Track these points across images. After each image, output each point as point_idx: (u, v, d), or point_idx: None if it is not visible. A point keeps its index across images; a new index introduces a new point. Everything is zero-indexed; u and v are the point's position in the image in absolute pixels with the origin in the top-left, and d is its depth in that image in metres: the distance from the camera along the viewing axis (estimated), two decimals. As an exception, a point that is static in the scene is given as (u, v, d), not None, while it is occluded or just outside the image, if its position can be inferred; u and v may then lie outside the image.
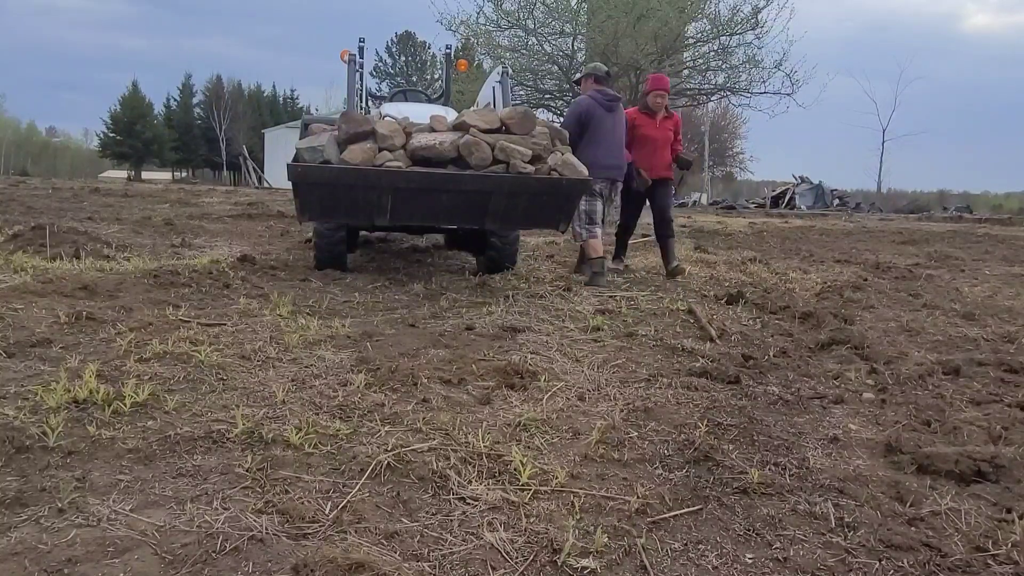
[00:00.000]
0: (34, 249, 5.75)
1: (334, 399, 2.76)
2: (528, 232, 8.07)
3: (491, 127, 5.01)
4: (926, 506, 2.12)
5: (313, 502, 1.97)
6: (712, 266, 7.30)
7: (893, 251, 10.12)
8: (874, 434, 2.72)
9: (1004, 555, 1.86)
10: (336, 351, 3.47)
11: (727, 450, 2.47)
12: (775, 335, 4.31)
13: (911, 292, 5.96)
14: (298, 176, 4.71)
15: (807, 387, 3.29)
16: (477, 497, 2.05)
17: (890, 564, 1.81)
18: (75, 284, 4.42)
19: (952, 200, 40.53)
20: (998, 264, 8.75)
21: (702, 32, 16.26)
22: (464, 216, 5.13)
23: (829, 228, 15.32)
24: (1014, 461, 2.36)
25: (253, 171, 36.69)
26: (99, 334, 3.50)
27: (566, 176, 5.06)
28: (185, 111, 60.59)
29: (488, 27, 16.25)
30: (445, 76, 9.47)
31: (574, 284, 5.62)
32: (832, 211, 26.30)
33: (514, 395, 2.97)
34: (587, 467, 2.31)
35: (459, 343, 3.69)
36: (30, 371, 2.89)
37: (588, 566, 1.73)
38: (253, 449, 2.28)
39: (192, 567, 1.65)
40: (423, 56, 56.97)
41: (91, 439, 2.26)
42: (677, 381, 3.23)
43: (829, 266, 7.93)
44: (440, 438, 2.44)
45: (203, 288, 4.75)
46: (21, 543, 1.69)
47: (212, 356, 3.16)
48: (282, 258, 6.46)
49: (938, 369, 3.48)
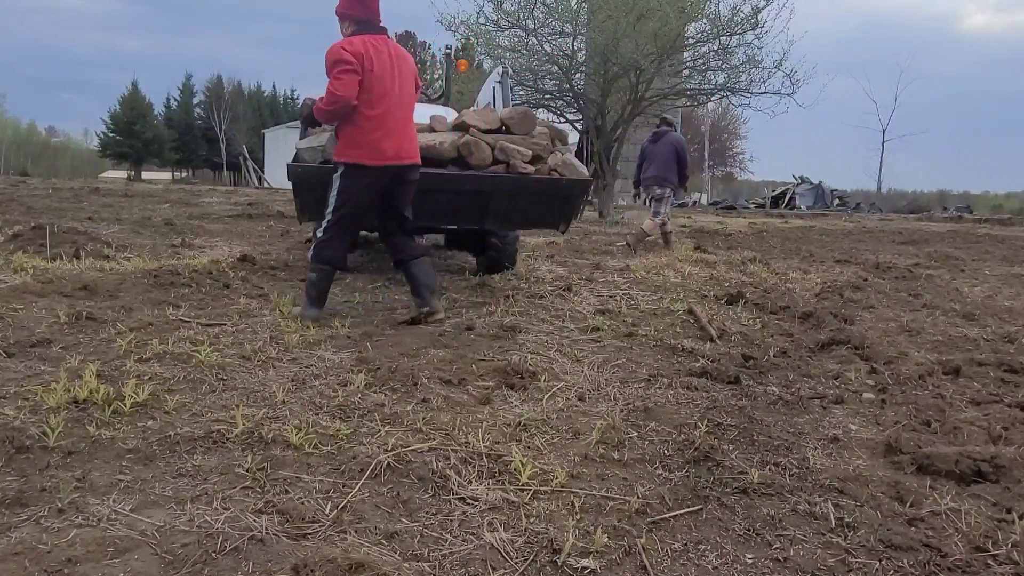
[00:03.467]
0: (34, 249, 5.75)
1: (334, 399, 2.76)
2: (528, 232, 8.05)
3: (491, 127, 5.02)
4: (926, 506, 2.12)
5: (313, 502, 1.97)
6: (712, 266, 7.30)
7: (893, 251, 10.12)
8: (874, 434, 2.72)
9: (1004, 555, 1.86)
10: (336, 351, 3.47)
11: (727, 450, 2.47)
12: (775, 335, 4.31)
13: (911, 292, 5.96)
14: (298, 176, 4.72)
15: (807, 387, 3.29)
16: (477, 497, 2.05)
17: (890, 564, 1.81)
18: (75, 284, 4.42)
19: (952, 200, 40.55)
20: (998, 264, 8.75)
21: (702, 32, 16.23)
22: (464, 216, 5.13)
23: (829, 228, 15.32)
24: (1014, 461, 2.36)
25: (253, 171, 36.67)
26: (99, 334, 3.50)
27: (566, 176, 5.06)
28: (185, 111, 60.56)
29: (488, 27, 16.22)
30: (445, 76, 9.48)
31: (574, 284, 5.62)
32: (832, 211, 26.30)
33: (514, 395, 2.97)
34: (587, 467, 2.31)
35: (459, 343, 3.69)
36: (30, 371, 2.89)
37: (588, 566, 1.73)
38: (253, 449, 2.28)
39: (192, 567, 1.65)
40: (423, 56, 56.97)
41: (91, 439, 2.26)
42: (677, 381, 3.23)
43: (829, 266, 7.93)
44: (440, 438, 2.44)
45: (203, 288, 4.75)
46: (21, 543, 1.69)
47: (212, 356, 3.16)
48: (282, 258, 6.45)
49: (938, 369, 3.48)
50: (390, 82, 4.07)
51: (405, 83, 4.19)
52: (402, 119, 4.16)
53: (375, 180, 4.07)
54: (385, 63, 4.06)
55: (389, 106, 4.06)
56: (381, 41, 4.11)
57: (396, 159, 4.09)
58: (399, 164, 4.11)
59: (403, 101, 4.17)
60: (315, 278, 4.15)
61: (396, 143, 4.09)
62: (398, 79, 4.12)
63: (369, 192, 4.11)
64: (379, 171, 4.06)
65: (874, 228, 15.80)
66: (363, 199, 4.12)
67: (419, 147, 4.73)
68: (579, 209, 5.79)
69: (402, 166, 4.13)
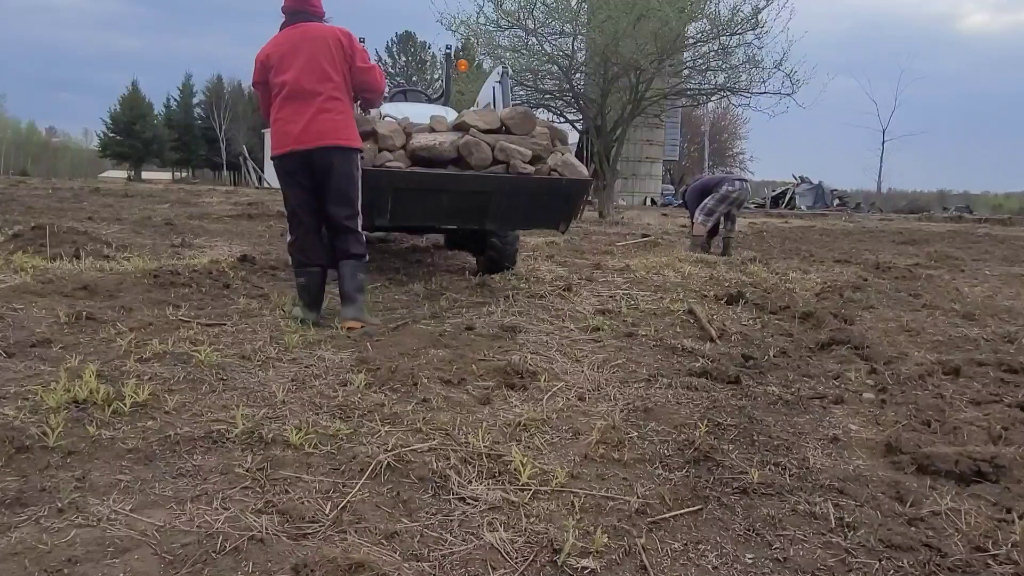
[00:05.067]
0: (34, 249, 5.75)
1: (334, 399, 2.76)
2: (528, 232, 8.05)
3: (491, 127, 5.01)
4: (926, 506, 2.12)
5: (313, 502, 1.97)
6: (712, 266, 7.30)
7: (893, 251, 10.12)
8: (874, 434, 2.72)
9: (1004, 555, 1.86)
10: (336, 351, 3.47)
11: (727, 450, 2.47)
12: (775, 335, 4.31)
13: (911, 292, 5.96)
14: None
15: (807, 387, 3.29)
16: (477, 497, 2.05)
17: (890, 564, 1.81)
18: (75, 284, 4.43)
19: (952, 200, 40.56)
20: (998, 264, 8.75)
21: (702, 32, 16.24)
22: (464, 216, 5.13)
23: (829, 228, 15.32)
24: (1014, 461, 2.36)
25: (253, 171, 36.69)
26: (99, 334, 3.50)
27: (566, 176, 5.06)
28: (185, 111, 60.55)
29: (488, 27, 16.23)
30: (445, 76, 9.47)
31: (574, 284, 5.62)
32: (832, 211, 26.31)
33: (514, 395, 2.97)
34: (587, 467, 2.31)
35: (459, 343, 3.69)
36: (30, 371, 2.89)
37: (588, 566, 1.73)
38: (253, 449, 2.28)
39: (192, 567, 1.65)
40: (423, 56, 56.94)
41: (91, 439, 2.26)
42: (677, 381, 3.23)
43: (829, 266, 7.93)
44: (440, 438, 2.44)
45: (203, 288, 4.75)
46: (21, 543, 1.69)
47: (212, 356, 3.16)
48: (282, 258, 6.45)
49: (938, 369, 3.48)
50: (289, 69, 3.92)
51: (310, 64, 3.92)
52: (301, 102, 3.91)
53: (283, 166, 3.97)
54: (286, 52, 3.95)
55: (292, 92, 3.92)
56: (299, 29, 3.99)
57: (297, 144, 3.89)
58: (301, 149, 3.90)
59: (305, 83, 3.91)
60: (301, 283, 4.08)
61: (298, 127, 3.89)
62: (302, 63, 3.92)
63: (288, 181, 3.98)
64: (283, 159, 3.96)
65: (874, 228, 15.80)
66: (287, 188, 4.00)
67: (419, 147, 4.73)
68: (579, 209, 5.77)
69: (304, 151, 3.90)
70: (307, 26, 4.01)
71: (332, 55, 3.96)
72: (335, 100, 3.94)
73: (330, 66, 3.95)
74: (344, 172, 3.96)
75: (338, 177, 3.95)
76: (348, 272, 4.01)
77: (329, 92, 3.92)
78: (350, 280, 4.01)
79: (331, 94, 3.93)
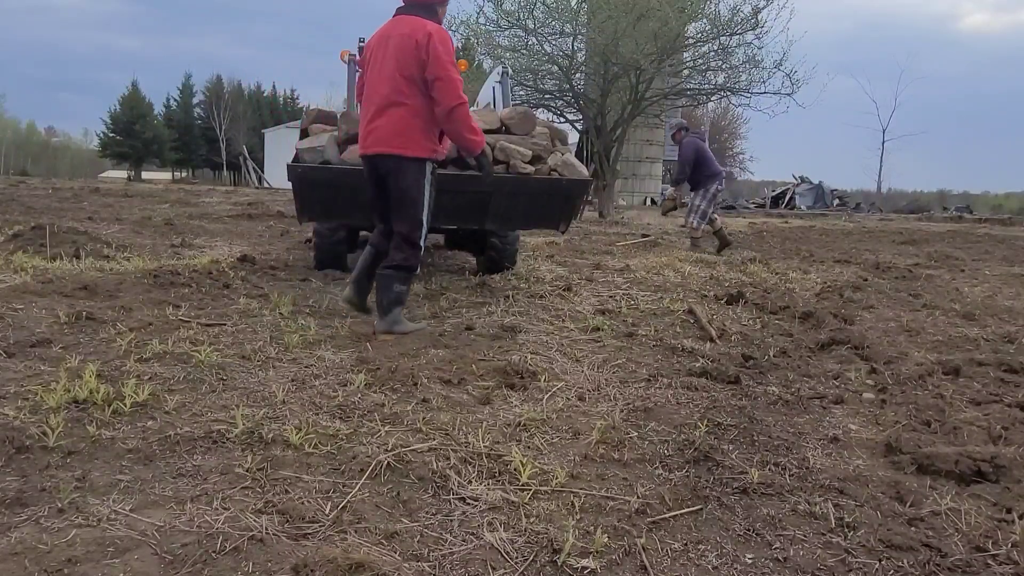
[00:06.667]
0: (34, 249, 5.75)
1: (334, 399, 2.76)
2: (528, 232, 8.05)
3: (491, 127, 5.02)
4: (926, 506, 2.12)
5: (313, 502, 1.97)
6: (712, 266, 7.30)
7: (893, 251, 10.12)
8: (874, 434, 2.72)
9: (1004, 555, 1.86)
10: (336, 351, 3.47)
11: (727, 450, 2.47)
12: (775, 335, 4.31)
13: (911, 292, 5.96)
14: (298, 177, 4.72)
15: (807, 387, 3.29)
16: (477, 497, 2.05)
17: (890, 564, 1.81)
18: (75, 284, 4.43)
19: (952, 200, 40.52)
20: (998, 264, 8.75)
21: (702, 32, 16.26)
22: (464, 216, 5.13)
23: (829, 228, 15.32)
24: (1014, 461, 2.36)
25: (253, 171, 36.69)
26: (99, 334, 3.50)
27: (566, 176, 5.06)
28: (185, 111, 60.55)
29: (488, 27, 16.25)
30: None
31: (574, 284, 5.62)
32: (832, 211, 26.29)
33: (514, 395, 2.97)
34: (587, 467, 2.31)
35: (459, 343, 3.69)
36: (30, 371, 2.89)
37: (588, 566, 1.73)
38: (253, 449, 2.28)
39: (192, 567, 1.65)
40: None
41: (91, 439, 2.26)
42: (677, 381, 3.23)
43: (829, 266, 7.93)
44: (440, 438, 2.44)
45: (203, 288, 4.75)
46: (21, 543, 1.69)
47: (212, 356, 3.16)
48: (282, 258, 6.46)
49: (938, 369, 3.48)
50: (371, 69, 3.87)
51: (384, 65, 3.78)
52: (373, 106, 3.82)
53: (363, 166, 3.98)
54: (375, 48, 3.88)
55: (369, 94, 3.89)
56: (393, 23, 3.87)
57: (362, 148, 3.88)
58: (367, 154, 3.87)
59: (378, 86, 3.80)
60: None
61: (364, 132, 3.86)
62: (379, 63, 3.82)
63: (367, 179, 3.98)
64: (362, 159, 3.97)
65: (874, 228, 15.80)
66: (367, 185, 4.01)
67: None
68: (579, 209, 5.78)
69: (367, 156, 3.87)
70: (401, 21, 3.82)
71: (407, 58, 3.72)
72: (399, 106, 3.75)
73: (400, 70, 3.73)
74: (399, 181, 3.81)
75: (394, 185, 3.83)
76: (382, 283, 3.87)
77: (394, 97, 3.75)
78: (382, 291, 3.86)
79: (395, 99, 3.75)
